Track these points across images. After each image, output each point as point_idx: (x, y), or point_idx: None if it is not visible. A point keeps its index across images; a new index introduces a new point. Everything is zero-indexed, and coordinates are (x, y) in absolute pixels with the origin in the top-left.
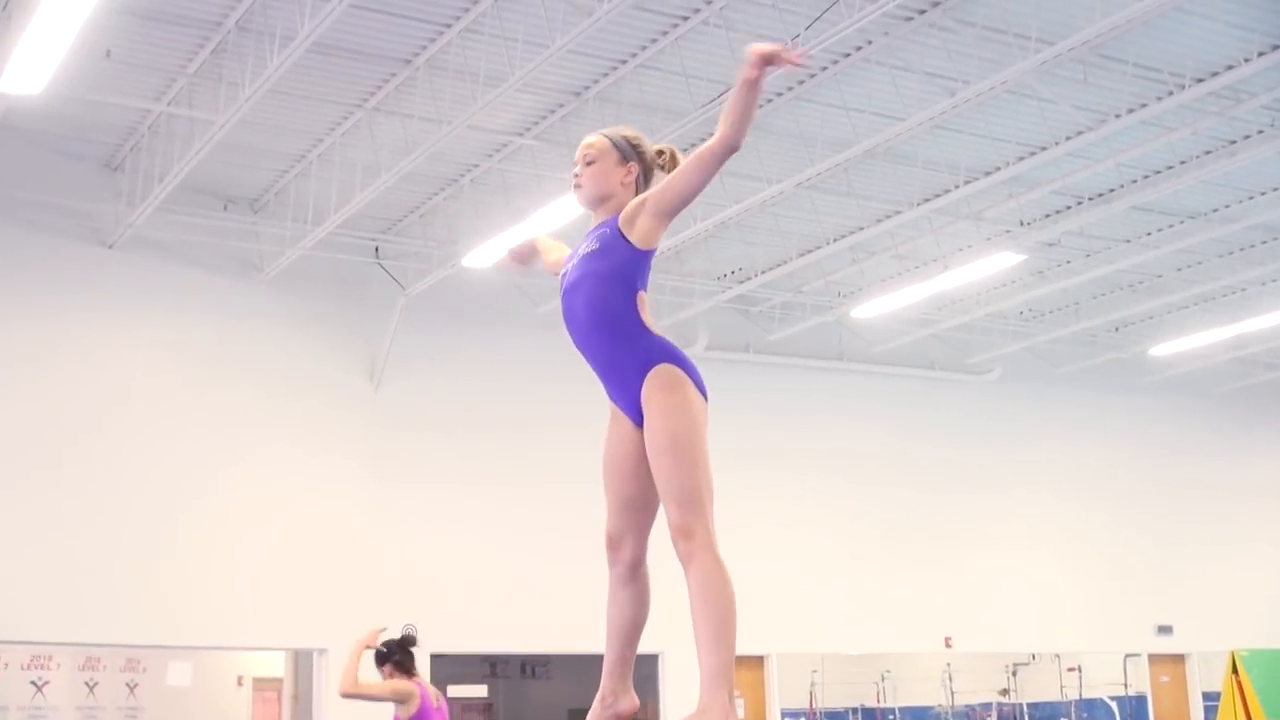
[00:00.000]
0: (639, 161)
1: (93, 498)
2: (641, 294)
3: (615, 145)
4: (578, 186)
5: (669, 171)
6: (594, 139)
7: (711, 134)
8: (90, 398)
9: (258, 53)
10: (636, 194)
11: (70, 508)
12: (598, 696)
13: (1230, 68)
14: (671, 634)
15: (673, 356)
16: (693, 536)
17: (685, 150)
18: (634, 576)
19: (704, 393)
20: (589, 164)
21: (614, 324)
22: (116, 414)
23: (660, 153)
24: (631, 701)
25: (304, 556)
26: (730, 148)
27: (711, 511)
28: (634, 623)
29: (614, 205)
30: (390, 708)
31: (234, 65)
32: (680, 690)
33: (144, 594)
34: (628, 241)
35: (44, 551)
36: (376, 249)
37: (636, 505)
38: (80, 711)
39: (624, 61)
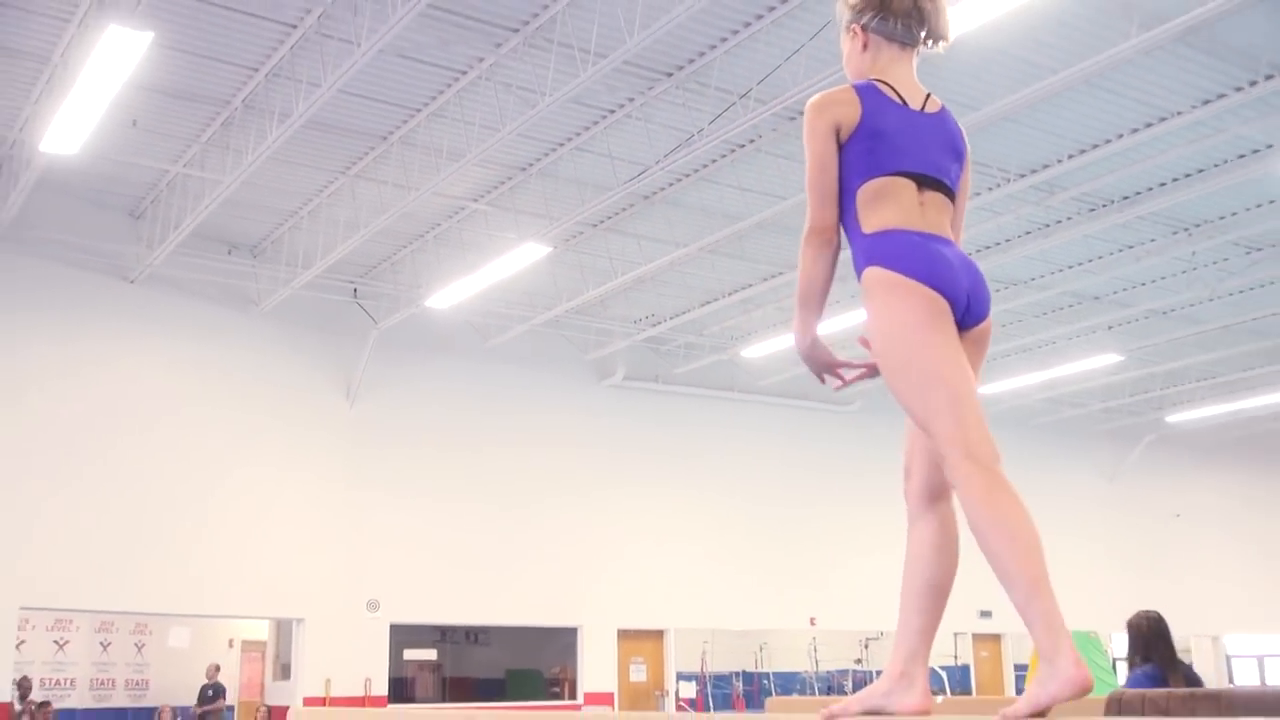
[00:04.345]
0: (863, 11)
1: (112, 490)
2: (863, 187)
3: (842, 19)
4: None
5: None
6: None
7: (632, 206)
8: (113, 407)
9: (259, 126)
10: (889, 53)
11: (92, 498)
12: (885, 674)
13: (1046, 166)
14: (587, 609)
15: (871, 255)
16: (946, 462)
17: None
18: (925, 513)
19: (921, 277)
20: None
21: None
22: (135, 422)
23: None
24: (917, 699)
25: (287, 542)
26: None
27: (961, 421)
28: (926, 575)
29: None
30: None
31: (240, 136)
32: (595, 660)
33: (151, 569)
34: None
35: (68, 533)
36: (355, 290)
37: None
38: (95, 667)
39: (561, 144)
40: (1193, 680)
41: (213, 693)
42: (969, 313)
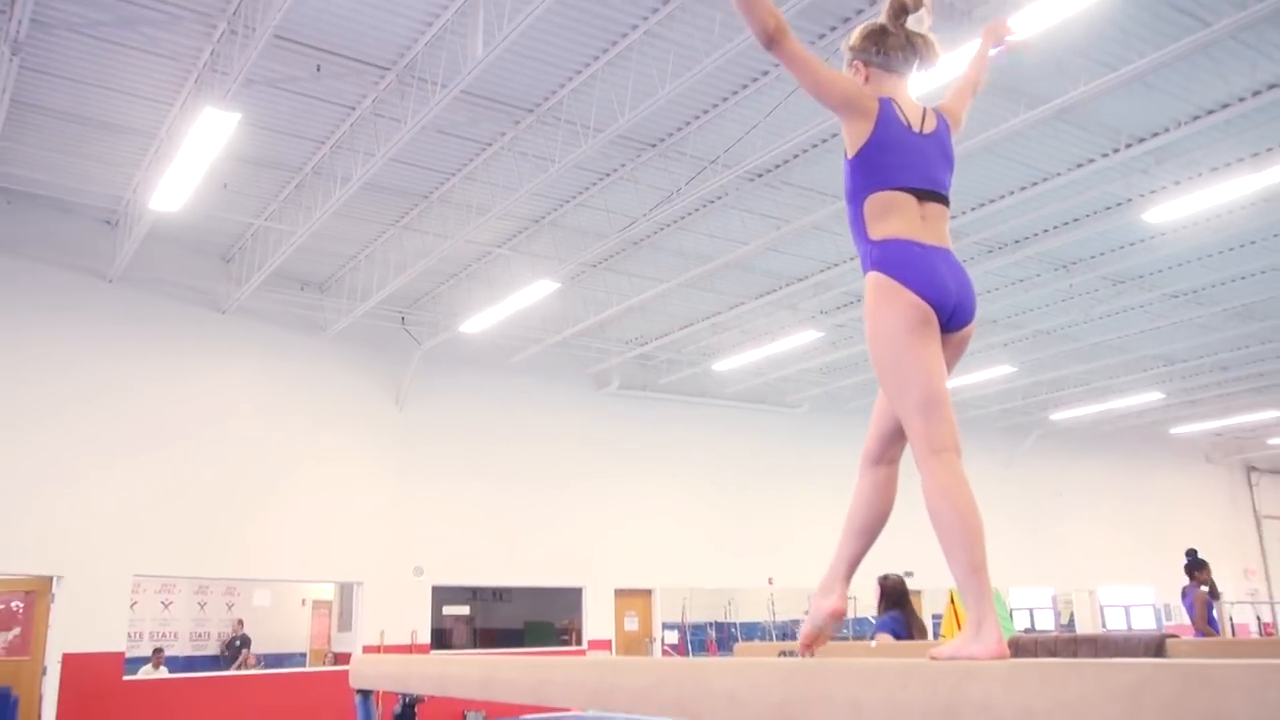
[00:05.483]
0: (860, 54)
1: (208, 478)
2: (870, 198)
3: (844, 56)
4: None
5: (913, 37)
6: None
7: (622, 251)
8: (208, 413)
9: (325, 188)
10: (889, 81)
11: (191, 485)
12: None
13: (954, 217)
14: (590, 572)
15: (875, 260)
16: (914, 450)
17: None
18: (866, 472)
19: (914, 286)
20: None
21: (854, 241)
22: (226, 424)
23: (881, 30)
24: (833, 603)
25: (349, 520)
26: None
27: (930, 419)
28: (858, 519)
29: None
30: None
31: (310, 196)
32: (597, 614)
33: (239, 543)
34: (846, 155)
35: (172, 514)
36: (403, 318)
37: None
38: (194, 622)
39: (568, 201)
40: (924, 627)
41: (240, 643)
42: (954, 318)
